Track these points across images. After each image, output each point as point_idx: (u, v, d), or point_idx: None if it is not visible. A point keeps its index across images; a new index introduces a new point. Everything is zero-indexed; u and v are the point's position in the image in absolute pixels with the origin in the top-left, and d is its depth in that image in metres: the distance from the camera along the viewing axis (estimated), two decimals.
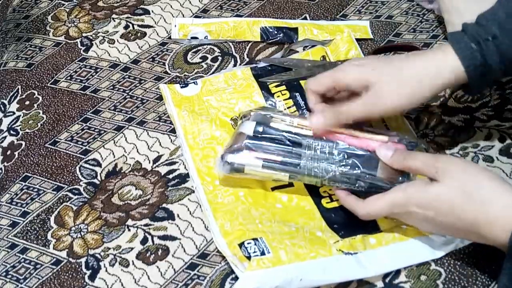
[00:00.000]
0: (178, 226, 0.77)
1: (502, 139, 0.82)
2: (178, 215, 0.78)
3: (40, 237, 0.78)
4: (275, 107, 0.87)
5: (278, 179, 0.75)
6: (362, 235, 0.72)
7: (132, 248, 0.75)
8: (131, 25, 1.04)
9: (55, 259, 0.75)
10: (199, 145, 0.83)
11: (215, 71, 0.95)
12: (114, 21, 1.05)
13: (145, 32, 1.03)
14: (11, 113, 0.93)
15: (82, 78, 0.96)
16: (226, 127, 0.85)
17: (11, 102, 0.94)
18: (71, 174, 0.84)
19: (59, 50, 1.01)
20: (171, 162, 0.84)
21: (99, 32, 1.03)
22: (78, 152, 0.86)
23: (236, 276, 0.70)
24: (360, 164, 0.71)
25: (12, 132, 0.90)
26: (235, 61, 0.97)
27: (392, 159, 0.71)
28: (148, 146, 0.86)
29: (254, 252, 0.69)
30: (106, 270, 0.74)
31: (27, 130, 0.90)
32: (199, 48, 0.99)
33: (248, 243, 0.70)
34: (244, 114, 0.79)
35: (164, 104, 0.90)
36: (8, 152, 0.88)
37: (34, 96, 0.94)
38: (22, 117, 0.92)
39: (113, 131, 0.88)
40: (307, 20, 1.02)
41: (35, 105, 0.93)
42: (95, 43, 1.02)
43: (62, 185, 0.83)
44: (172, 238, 0.76)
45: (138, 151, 0.86)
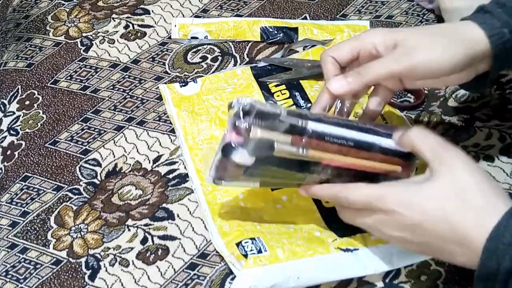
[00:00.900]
0: (178, 226, 0.77)
1: (502, 139, 0.82)
2: (178, 215, 0.78)
3: (40, 237, 0.78)
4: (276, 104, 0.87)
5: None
6: (361, 234, 0.72)
7: (132, 248, 0.75)
8: (131, 25, 1.04)
9: (55, 259, 0.75)
10: (199, 145, 0.83)
11: (215, 71, 0.95)
12: (114, 21, 1.05)
13: (145, 32, 1.03)
14: (11, 113, 0.93)
15: (82, 78, 0.96)
16: (225, 127, 0.84)
17: (11, 102, 0.94)
18: (71, 174, 0.84)
19: (59, 50, 1.01)
20: (171, 162, 0.84)
21: (99, 32, 1.03)
22: (78, 152, 0.86)
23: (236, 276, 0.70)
24: None
25: (12, 132, 0.90)
26: (235, 61, 0.96)
27: (401, 138, 0.65)
28: (148, 146, 0.86)
29: (251, 250, 0.69)
30: (106, 270, 0.73)
31: (27, 130, 0.90)
32: (199, 48, 0.99)
33: (245, 242, 0.70)
34: (243, 107, 0.66)
35: (164, 104, 0.90)
36: (8, 152, 0.88)
37: (34, 96, 0.94)
38: (22, 117, 0.92)
39: (113, 131, 0.88)
40: (307, 20, 1.02)
41: (35, 105, 0.93)
42: (95, 43, 1.02)
43: (62, 185, 0.83)
44: (172, 238, 0.76)
45: (138, 151, 0.86)
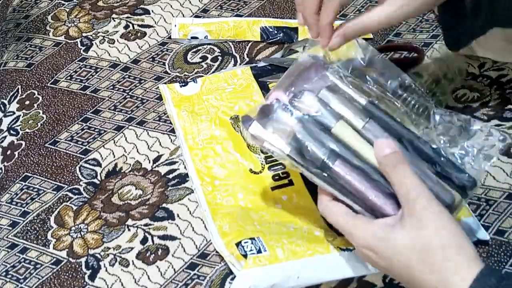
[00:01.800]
0: (178, 226, 0.77)
1: (502, 139, 0.82)
2: (178, 215, 0.78)
3: (40, 237, 0.78)
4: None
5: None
6: None
7: (132, 248, 0.75)
8: (131, 25, 1.04)
9: (55, 259, 0.75)
10: (199, 145, 0.83)
11: (215, 71, 0.95)
12: (114, 21, 1.05)
13: (145, 32, 1.03)
14: (11, 113, 0.93)
15: (82, 78, 0.96)
16: (225, 127, 0.85)
17: (11, 102, 0.94)
18: (71, 174, 0.84)
19: (59, 50, 1.01)
20: (171, 162, 0.84)
21: (99, 32, 1.03)
22: (78, 152, 0.86)
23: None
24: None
25: (12, 132, 0.90)
26: (235, 61, 0.96)
27: (385, 157, 0.62)
28: (148, 146, 0.86)
29: (251, 250, 0.69)
30: (106, 270, 0.74)
31: (27, 130, 0.90)
32: (199, 48, 0.99)
33: (245, 242, 0.70)
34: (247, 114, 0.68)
35: (164, 104, 0.90)
36: (8, 152, 0.88)
37: (34, 96, 0.94)
38: (22, 117, 0.92)
39: (113, 131, 0.88)
40: None
41: (35, 105, 0.93)
42: (95, 43, 1.02)
43: (62, 185, 0.83)
44: (172, 238, 0.76)
45: (138, 151, 0.86)
